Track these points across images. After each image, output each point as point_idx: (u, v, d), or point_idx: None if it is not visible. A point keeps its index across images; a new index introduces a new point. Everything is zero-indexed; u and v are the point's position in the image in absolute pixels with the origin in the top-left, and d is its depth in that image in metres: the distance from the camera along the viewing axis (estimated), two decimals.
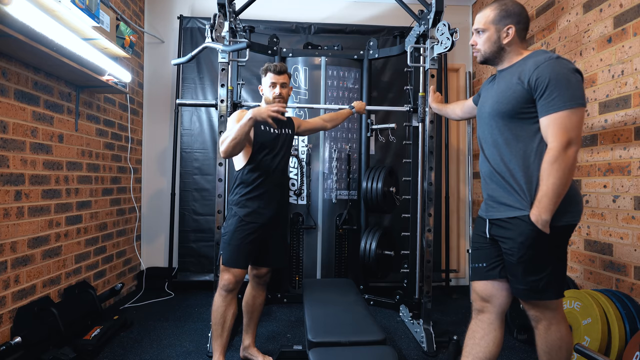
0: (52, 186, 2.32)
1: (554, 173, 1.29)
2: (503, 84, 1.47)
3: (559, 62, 1.34)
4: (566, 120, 1.29)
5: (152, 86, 3.60)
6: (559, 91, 1.30)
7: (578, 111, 1.30)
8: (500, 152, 1.46)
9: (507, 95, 1.43)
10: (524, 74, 1.38)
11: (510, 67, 1.49)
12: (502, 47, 1.49)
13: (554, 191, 1.30)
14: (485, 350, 1.50)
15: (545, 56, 1.37)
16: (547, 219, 1.31)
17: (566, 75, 1.31)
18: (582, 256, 2.42)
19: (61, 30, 1.97)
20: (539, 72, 1.34)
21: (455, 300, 3.37)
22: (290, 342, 2.41)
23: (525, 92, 1.37)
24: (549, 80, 1.31)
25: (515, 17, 1.47)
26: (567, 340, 1.47)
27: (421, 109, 2.58)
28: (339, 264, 3.17)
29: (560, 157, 1.28)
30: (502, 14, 1.48)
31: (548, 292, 1.41)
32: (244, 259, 1.95)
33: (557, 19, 2.65)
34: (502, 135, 1.46)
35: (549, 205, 1.30)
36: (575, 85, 1.31)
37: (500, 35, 1.48)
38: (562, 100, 1.29)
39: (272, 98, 2.00)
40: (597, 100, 2.30)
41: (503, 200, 1.44)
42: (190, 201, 3.51)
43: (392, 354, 1.57)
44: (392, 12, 3.67)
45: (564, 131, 1.29)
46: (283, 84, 2.01)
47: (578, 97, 1.30)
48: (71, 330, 2.23)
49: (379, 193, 2.91)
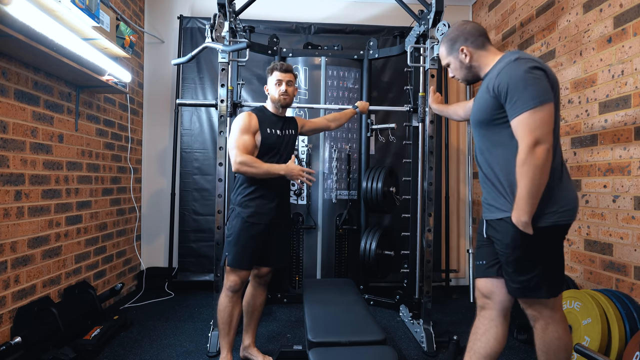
0: (52, 186, 2.32)
1: (525, 175, 1.31)
2: (479, 93, 1.52)
3: (516, 65, 1.35)
4: (529, 120, 1.30)
5: (152, 86, 3.60)
6: (518, 94, 1.32)
7: (541, 109, 1.30)
8: (486, 157, 1.51)
9: (480, 104, 1.49)
10: (490, 83, 1.42)
11: (485, 75, 1.54)
12: (469, 66, 1.57)
13: (527, 192, 1.31)
14: (486, 346, 1.52)
15: (506, 60, 1.40)
16: (526, 220, 1.33)
17: (522, 76, 1.32)
18: (582, 256, 2.42)
19: (61, 30, 1.97)
20: (499, 78, 1.37)
21: (455, 300, 3.37)
22: (290, 342, 2.41)
23: (493, 100, 1.41)
24: (508, 85, 1.34)
25: (461, 38, 1.55)
26: (565, 340, 1.47)
27: (421, 109, 2.58)
28: (339, 264, 3.17)
29: (528, 158, 1.30)
30: (449, 44, 1.59)
31: (541, 291, 1.42)
32: (248, 260, 1.97)
33: (557, 19, 2.65)
34: (485, 142, 1.51)
35: (526, 207, 1.32)
36: (533, 84, 1.31)
37: (461, 59, 1.56)
38: (522, 102, 1.31)
39: (278, 95, 2.02)
40: (597, 100, 2.30)
41: (492, 203, 1.49)
42: (190, 201, 3.51)
43: (392, 354, 1.57)
44: (392, 12, 3.68)
45: (529, 132, 1.30)
46: (289, 82, 2.04)
47: (537, 95, 1.30)
48: (71, 330, 2.23)
49: (379, 193, 2.91)
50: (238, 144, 1.91)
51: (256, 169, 1.88)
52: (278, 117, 2.08)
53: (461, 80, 1.64)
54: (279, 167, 1.91)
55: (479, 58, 1.54)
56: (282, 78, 2.02)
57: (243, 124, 1.95)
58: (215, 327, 2.32)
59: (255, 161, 1.89)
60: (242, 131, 1.93)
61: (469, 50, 1.53)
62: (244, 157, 1.88)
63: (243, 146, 1.91)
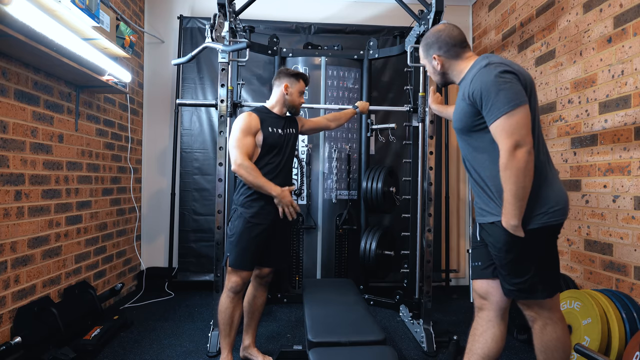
0: (52, 186, 2.32)
1: (508, 179, 1.31)
2: (457, 100, 1.53)
3: (486, 71, 1.36)
4: (506, 125, 1.30)
5: (152, 86, 3.60)
6: (492, 99, 1.32)
7: (516, 112, 1.29)
8: (472, 163, 1.52)
9: (458, 112, 1.49)
10: (465, 90, 1.42)
11: (460, 81, 1.54)
12: (441, 72, 1.58)
13: (513, 196, 1.31)
14: (484, 346, 1.52)
15: (478, 66, 1.40)
16: (515, 223, 1.33)
17: (493, 81, 1.32)
18: (582, 256, 2.42)
19: (61, 30, 1.97)
20: (473, 86, 1.38)
21: (455, 300, 3.36)
22: (290, 342, 2.41)
23: (470, 107, 1.41)
24: (481, 91, 1.34)
25: (435, 46, 1.55)
26: (564, 341, 1.47)
27: (421, 109, 2.58)
28: (339, 264, 3.17)
29: (509, 163, 1.30)
30: (424, 48, 1.59)
31: (536, 293, 1.42)
32: (251, 260, 1.97)
33: (557, 19, 2.65)
34: (468, 148, 1.52)
35: (513, 211, 1.32)
36: (505, 88, 1.31)
37: (434, 65, 1.57)
38: (497, 107, 1.31)
39: (298, 104, 2.11)
40: (597, 100, 2.30)
41: (483, 207, 1.49)
42: (190, 201, 3.51)
43: (392, 354, 1.57)
44: (392, 12, 3.67)
45: (507, 136, 1.30)
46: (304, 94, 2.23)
47: (511, 98, 1.30)
48: (71, 330, 2.23)
49: (379, 193, 2.91)
50: (240, 145, 1.91)
51: (253, 178, 1.88)
52: (279, 117, 2.09)
53: (437, 83, 1.65)
54: (275, 188, 1.90)
55: (451, 66, 1.55)
56: (304, 90, 2.13)
57: (244, 124, 1.94)
58: (215, 327, 2.32)
59: (254, 170, 1.90)
60: (243, 132, 1.93)
61: (441, 59, 1.54)
62: (245, 162, 1.89)
63: (245, 148, 1.91)
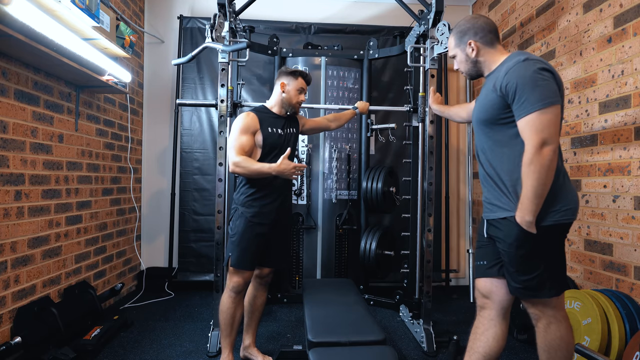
0: (52, 186, 2.32)
1: (531, 174, 1.32)
2: (483, 92, 1.53)
3: (525, 65, 1.36)
4: (537, 121, 1.31)
5: (152, 86, 3.60)
6: (527, 94, 1.32)
7: (549, 110, 1.31)
8: (488, 157, 1.52)
9: (484, 103, 1.49)
10: (497, 82, 1.42)
11: (490, 73, 1.54)
12: (475, 60, 1.57)
13: (533, 192, 1.32)
14: (485, 345, 1.53)
15: (514, 60, 1.40)
16: (530, 220, 1.34)
17: (532, 76, 1.33)
18: (582, 256, 2.42)
19: (61, 30, 1.97)
20: (508, 77, 1.37)
21: (455, 300, 3.36)
22: (290, 342, 2.41)
23: (500, 99, 1.41)
24: (517, 84, 1.34)
25: (471, 31, 1.55)
26: (568, 340, 1.47)
27: (421, 109, 2.58)
28: (339, 264, 3.17)
29: (535, 158, 1.31)
30: (459, 35, 1.58)
31: (543, 291, 1.42)
32: (252, 260, 1.97)
33: (557, 19, 2.65)
34: (488, 141, 1.52)
35: (530, 207, 1.33)
36: (542, 85, 1.32)
37: (467, 52, 1.57)
38: (531, 103, 1.32)
39: (296, 102, 2.06)
40: (597, 100, 2.30)
41: (495, 202, 1.49)
42: (190, 201, 3.51)
43: (392, 354, 1.57)
44: (392, 12, 3.68)
45: (536, 132, 1.31)
46: (306, 92, 2.12)
47: (546, 96, 1.31)
48: (71, 330, 2.23)
49: (379, 193, 2.91)
50: (235, 145, 1.90)
51: (245, 169, 1.85)
52: (279, 117, 2.07)
53: (464, 74, 1.64)
54: (269, 167, 1.84)
55: (486, 54, 1.54)
56: (304, 87, 2.08)
57: (243, 124, 1.93)
58: (215, 327, 2.32)
59: (246, 160, 1.86)
60: (241, 132, 1.92)
61: (477, 44, 1.53)
62: (238, 158, 1.86)
63: (240, 147, 1.90)
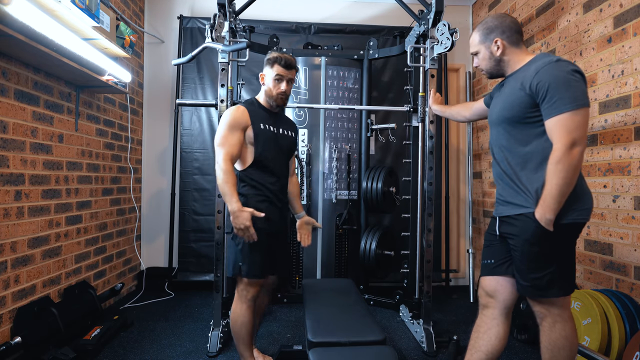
0: (52, 186, 2.32)
1: (558, 173, 1.33)
2: (508, 90, 1.52)
3: (558, 65, 1.37)
4: (569, 121, 1.32)
5: (152, 86, 3.60)
6: (560, 94, 1.33)
7: (580, 112, 1.32)
8: (507, 155, 1.52)
9: (510, 101, 1.48)
10: (526, 80, 1.42)
11: (514, 73, 1.54)
12: (498, 59, 1.57)
13: (557, 191, 1.33)
14: (487, 344, 1.54)
15: (545, 60, 1.40)
16: (551, 217, 1.35)
17: (565, 77, 1.34)
18: (582, 256, 2.42)
19: (61, 30, 1.97)
20: (539, 77, 1.37)
21: (455, 300, 3.36)
22: (290, 342, 2.41)
23: (527, 97, 1.41)
24: (549, 84, 1.35)
25: (498, 30, 1.54)
26: (572, 340, 1.47)
27: (421, 109, 2.58)
28: (339, 264, 3.17)
29: (563, 158, 1.32)
30: (485, 32, 1.58)
31: (552, 290, 1.43)
32: (261, 267, 1.82)
33: (557, 19, 2.65)
34: (508, 140, 1.51)
35: (553, 205, 1.34)
36: (575, 86, 1.34)
37: (492, 50, 1.56)
38: (563, 103, 1.32)
39: (276, 94, 1.81)
40: (597, 100, 2.30)
41: (511, 200, 1.49)
42: (190, 201, 3.51)
43: (392, 354, 1.57)
44: (392, 12, 3.67)
45: (566, 132, 1.32)
46: (290, 80, 1.81)
47: (579, 97, 1.33)
48: (71, 330, 2.23)
49: (379, 193, 2.91)
50: (224, 143, 1.72)
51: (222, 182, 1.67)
52: (270, 113, 1.89)
53: (485, 72, 1.63)
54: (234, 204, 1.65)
55: (511, 54, 1.54)
56: (283, 74, 1.78)
57: (232, 119, 1.75)
58: (215, 327, 2.32)
59: (228, 175, 1.67)
60: (230, 127, 1.74)
61: (503, 43, 1.53)
62: (226, 166, 1.68)
63: (230, 147, 1.72)
